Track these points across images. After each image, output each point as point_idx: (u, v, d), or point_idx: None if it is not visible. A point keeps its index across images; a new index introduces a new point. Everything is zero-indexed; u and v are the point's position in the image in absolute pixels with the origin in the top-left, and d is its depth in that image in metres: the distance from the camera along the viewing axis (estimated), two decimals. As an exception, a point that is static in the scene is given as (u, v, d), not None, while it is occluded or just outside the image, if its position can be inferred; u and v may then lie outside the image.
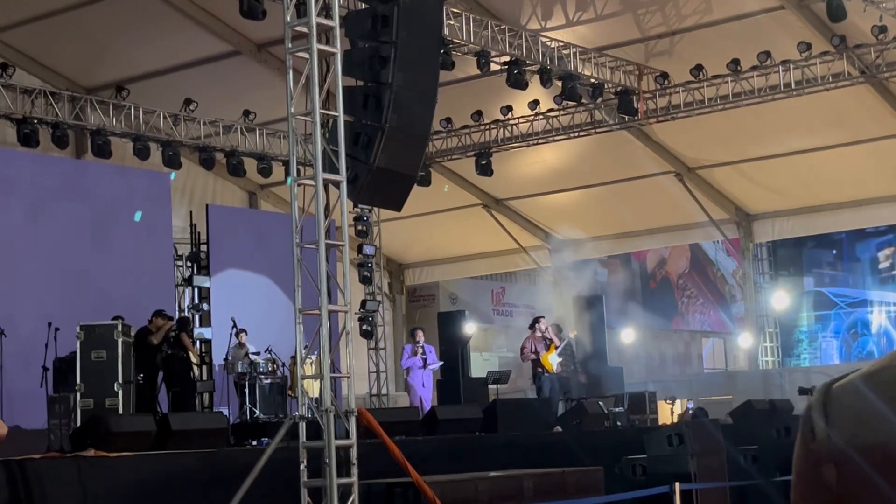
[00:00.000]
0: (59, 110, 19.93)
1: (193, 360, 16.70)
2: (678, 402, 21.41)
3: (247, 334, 18.51)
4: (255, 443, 13.65)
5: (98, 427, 10.92)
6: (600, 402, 17.81)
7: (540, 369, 19.11)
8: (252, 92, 22.40)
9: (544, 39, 20.41)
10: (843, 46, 20.06)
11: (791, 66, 20.62)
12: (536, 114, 23.08)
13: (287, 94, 9.77)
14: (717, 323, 36.70)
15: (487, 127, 23.75)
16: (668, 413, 20.14)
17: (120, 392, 13.71)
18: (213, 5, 20.50)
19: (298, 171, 9.89)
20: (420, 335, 20.27)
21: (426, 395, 19.89)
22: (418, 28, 10.41)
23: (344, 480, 9.16)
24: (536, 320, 19.54)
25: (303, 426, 9.38)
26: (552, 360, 19.12)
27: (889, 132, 22.73)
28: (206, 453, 10.73)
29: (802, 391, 14.60)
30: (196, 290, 20.89)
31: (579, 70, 20.82)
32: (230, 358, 17.78)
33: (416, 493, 9.60)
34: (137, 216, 19.93)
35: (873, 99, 21.91)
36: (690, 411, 20.98)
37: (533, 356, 19.16)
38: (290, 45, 9.92)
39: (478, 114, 23.26)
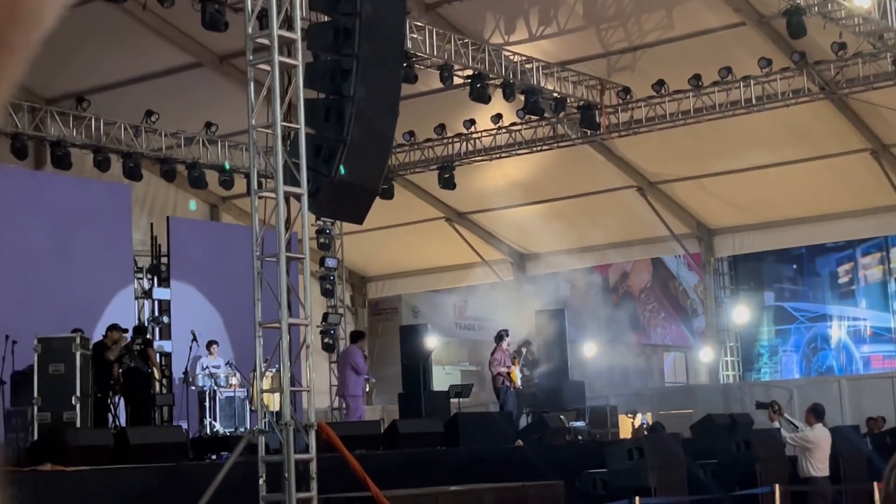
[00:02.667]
0: (18, 121, 19.76)
1: (156, 375, 16.58)
2: (639, 415, 21.47)
3: (218, 346, 18.40)
4: (214, 457, 13.55)
5: (55, 441, 10.81)
6: (561, 416, 17.82)
7: (508, 383, 19.11)
8: (214, 104, 22.31)
9: (507, 53, 20.46)
10: (803, 63, 20.23)
11: (752, 81, 20.77)
12: (499, 127, 23.12)
13: (248, 106, 9.72)
14: (678, 337, 36.83)
15: (450, 140, 23.76)
16: (629, 427, 20.18)
17: (78, 406, 13.57)
18: (175, 17, 20.39)
19: (260, 183, 9.84)
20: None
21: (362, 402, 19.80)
22: (380, 41, 10.40)
23: (303, 495, 9.11)
24: (501, 335, 19.51)
25: (262, 440, 9.32)
26: (518, 374, 19.16)
27: (848, 148, 22.93)
28: (164, 467, 10.64)
29: (760, 405, 14.63)
30: (156, 302, 20.77)
31: (542, 84, 20.88)
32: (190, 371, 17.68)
33: (375, 508, 9.56)
34: None
35: (833, 115, 22.09)
36: (645, 426, 21.02)
37: (504, 369, 19.16)
38: (251, 57, 9.89)
39: (441, 127, 23.27)
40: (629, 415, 21.30)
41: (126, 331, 16.19)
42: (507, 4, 20.97)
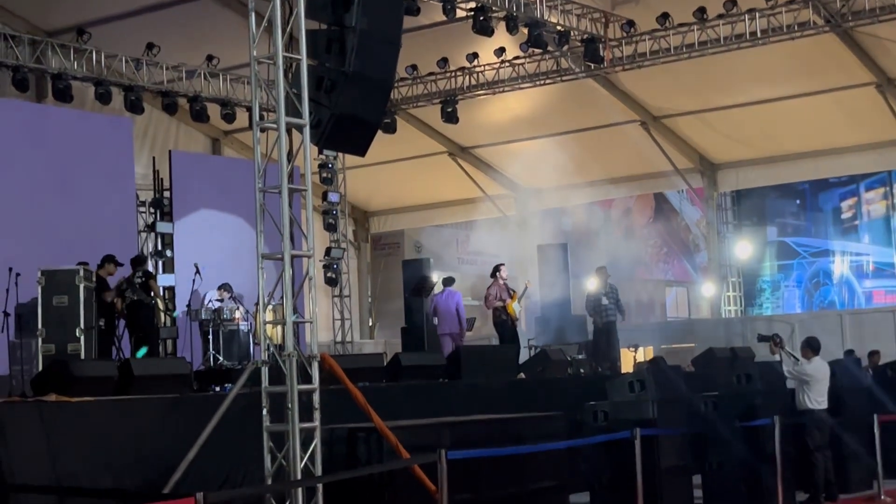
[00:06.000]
0: (19, 53, 19.67)
1: (160, 306, 16.59)
2: (641, 349, 21.55)
3: (228, 292, 18.33)
4: (218, 388, 13.63)
5: (60, 372, 10.85)
6: (562, 350, 17.88)
7: (504, 317, 19.10)
8: (215, 36, 22.18)
9: (510, -14, 20.29)
10: (808, -5, 20.08)
11: (757, 14, 20.62)
12: (502, 61, 22.99)
13: (249, 38, 9.64)
14: (680, 272, 36.84)
15: (453, 74, 23.65)
16: (631, 361, 20.26)
17: (82, 337, 13.62)
18: (176, -52, 20.26)
19: (261, 116, 9.79)
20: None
21: None
22: (383, -29, 10.28)
23: (306, 425, 9.15)
24: (497, 268, 19.48)
25: (265, 371, 9.35)
26: (515, 308, 19.15)
27: (853, 82, 22.81)
28: (168, 399, 10.69)
29: (762, 338, 14.65)
30: (159, 236, 20.78)
31: (546, 17, 20.72)
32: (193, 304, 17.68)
33: (378, 439, 9.61)
34: None
35: (838, 48, 21.95)
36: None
37: (499, 303, 19.13)
38: (252, -12, 9.79)
39: (443, 61, 23.15)
40: (631, 349, 21.36)
41: (122, 264, 16.03)
42: (511, -64, 20.75)
